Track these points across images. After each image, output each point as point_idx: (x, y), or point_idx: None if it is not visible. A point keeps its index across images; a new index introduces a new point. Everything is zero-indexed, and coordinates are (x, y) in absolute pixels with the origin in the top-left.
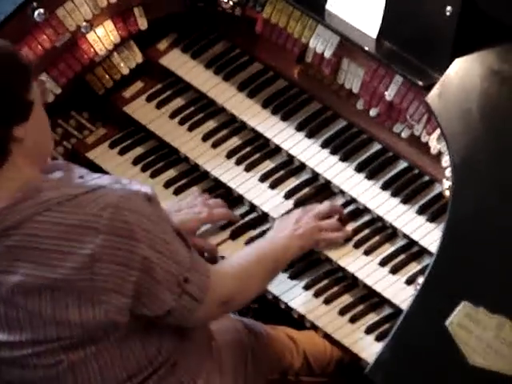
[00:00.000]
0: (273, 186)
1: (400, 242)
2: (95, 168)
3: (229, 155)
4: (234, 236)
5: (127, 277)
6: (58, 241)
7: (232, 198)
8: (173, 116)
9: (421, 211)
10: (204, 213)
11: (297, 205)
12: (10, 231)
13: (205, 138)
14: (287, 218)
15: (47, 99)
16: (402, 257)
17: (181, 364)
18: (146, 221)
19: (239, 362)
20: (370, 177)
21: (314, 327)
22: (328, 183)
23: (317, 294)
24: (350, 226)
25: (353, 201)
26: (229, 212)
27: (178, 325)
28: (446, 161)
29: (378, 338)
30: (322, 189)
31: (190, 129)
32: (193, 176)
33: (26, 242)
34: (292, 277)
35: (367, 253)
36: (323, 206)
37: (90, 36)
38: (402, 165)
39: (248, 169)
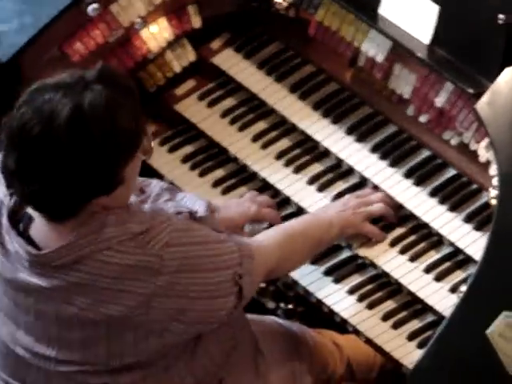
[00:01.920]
0: (320, 189)
1: (445, 250)
2: (145, 165)
3: (278, 157)
4: None
5: (188, 306)
6: (117, 280)
7: (279, 200)
8: (223, 115)
9: (467, 219)
10: (252, 209)
11: None
12: (71, 265)
13: (255, 139)
14: (334, 202)
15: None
16: (446, 264)
17: (227, 381)
18: (199, 247)
19: (286, 376)
20: (417, 183)
21: (357, 332)
22: (375, 188)
23: (360, 299)
24: (397, 232)
25: (400, 207)
26: (276, 213)
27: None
28: (493, 169)
29: (420, 345)
30: None
31: (241, 129)
32: (241, 176)
33: (85, 279)
34: (336, 280)
35: (412, 259)
36: (374, 196)
37: (144, 32)
38: (451, 172)
39: (296, 171)
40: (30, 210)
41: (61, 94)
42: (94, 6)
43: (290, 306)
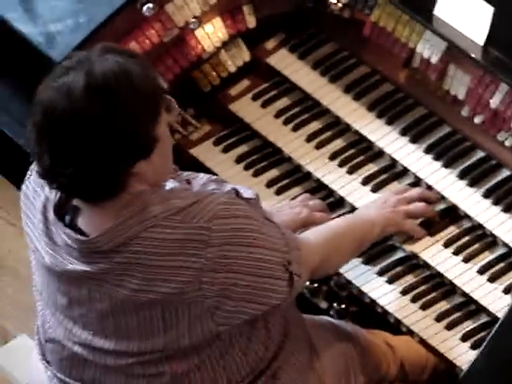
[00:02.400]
0: (374, 190)
1: (499, 251)
2: (198, 164)
3: (332, 157)
4: None
5: (239, 281)
6: (166, 256)
7: (333, 200)
8: (278, 116)
9: None
10: (304, 213)
11: None
12: (119, 248)
13: (309, 139)
14: (375, 199)
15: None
16: (500, 265)
17: (281, 377)
18: (247, 220)
19: (340, 374)
20: (472, 184)
21: (410, 332)
22: (430, 189)
23: (414, 299)
24: (451, 233)
25: (454, 207)
26: (327, 217)
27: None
28: None
29: (474, 346)
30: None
31: (295, 129)
32: (295, 176)
33: (135, 259)
34: (390, 281)
35: (466, 260)
36: (414, 191)
37: (199, 32)
38: (505, 173)
39: (351, 171)
40: (75, 202)
41: (72, 72)
42: (149, 5)
43: (343, 306)
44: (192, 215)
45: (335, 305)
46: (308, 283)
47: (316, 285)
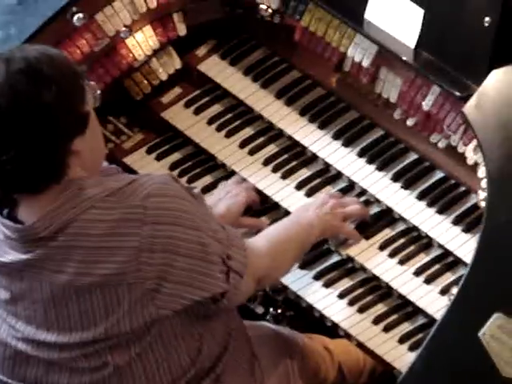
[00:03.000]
0: (309, 194)
1: (435, 252)
2: (132, 173)
3: (265, 162)
4: None
5: (175, 263)
6: (104, 237)
7: (268, 206)
8: (210, 122)
9: (456, 221)
10: (243, 193)
11: None
12: (58, 233)
13: (242, 145)
14: (312, 201)
15: (97, 104)
16: (436, 267)
17: (224, 382)
18: (187, 203)
19: (280, 381)
20: (406, 186)
21: (348, 336)
22: (364, 192)
23: (351, 303)
24: (386, 235)
25: (389, 210)
26: (258, 196)
27: (224, 309)
28: (482, 172)
29: (412, 348)
30: (357, 198)
31: (228, 135)
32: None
33: (73, 241)
34: (327, 285)
35: (402, 262)
36: (349, 198)
37: (129, 41)
38: (439, 175)
39: (284, 176)
40: (14, 196)
41: None
42: (80, 15)
43: (279, 311)
44: (127, 194)
45: (271, 310)
46: None
47: None
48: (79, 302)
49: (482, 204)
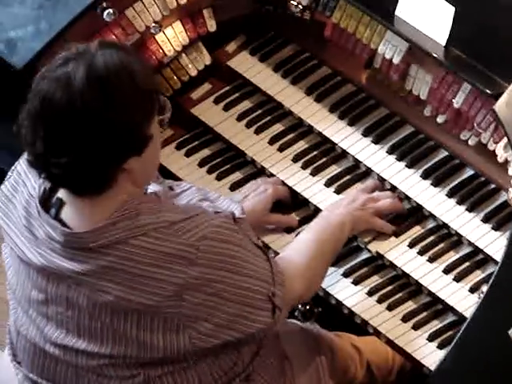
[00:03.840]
0: (338, 191)
1: (465, 250)
2: (161, 169)
3: (295, 159)
4: None
5: (219, 306)
6: (150, 267)
7: (298, 202)
8: (240, 118)
9: (486, 219)
10: (269, 189)
11: None
12: (104, 249)
13: (271, 142)
14: (343, 197)
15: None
16: (466, 264)
17: (255, 380)
18: (237, 248)
19: (312, 381)
20: (436, 184)
21: (377, 333)
22: (394, 189)
23: (380, 300)
24: (416, 233)
25: (419, 207)
26: (288, 190)
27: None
28: None
29: (441, 346)
30: None
31: (257, 132)
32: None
33: (119, 264)
34: (356, 282)
35: (432, 260)
36: (383, 193)
37: (159, 37)
38: (469, 172)
39: (314, 173)
40: (61, 195)
41: (72, 62)
42: (110, 10)
43: (308, 308)
44: (183, 231)
45: (300, 306)
46: None
47: None
48: (113, 322)
49: None
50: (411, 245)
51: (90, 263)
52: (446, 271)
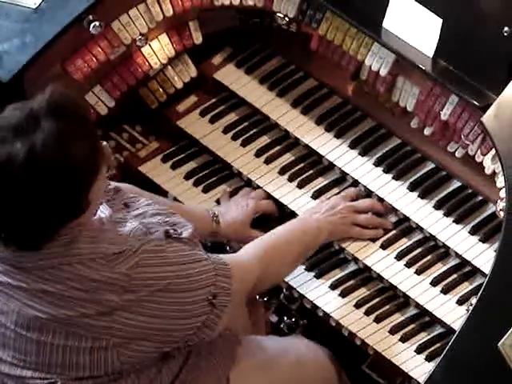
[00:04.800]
0: None
1: (452, 262)
2: (147, 181)
3: (282, 171)
4: None
5: (151, 324)
6: (82, 292)
7: (285, 214)
8: (226, 131)
9: (473, 231)
10: (250, 204)
11: None
12: (38, 271)
13: (258, 154)
14: (324, 202)
15: (113, 165)
16: (453, 276)
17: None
18: (170, 268)
19: None
20: (422, 196)
21: (365, 345)
22: (381, 201)
23: (368, 312)
24: (403, 245)
25: (405, 219)
26: (272, 203)
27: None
28: (500, 181)
29: (429, 358)
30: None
31: (244, 144)
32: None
33: (51, 287)
34: (343, 294)
35: (419, 272)
36: (362, 202)
37: (145, 49)
38: (456, 184)
39: (301, 185)
40: None
41: (12, 135)
42: (96, 23)
43: (293, 320)
44: (116, 262)
45: (285, 318)
46: (257, 297)
47: (266, 299)
48: (40, 334)
49: (501, 214)
50: (398, 257)
51: (22, 281)
52: (434, 283)
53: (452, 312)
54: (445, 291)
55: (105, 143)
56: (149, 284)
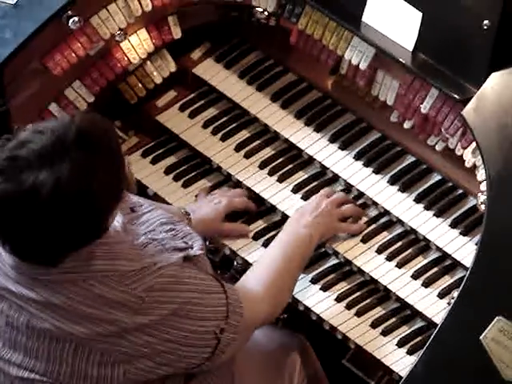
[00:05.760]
0: (305, 197)
1: (433, 255)
2: None
3: (262, 166)
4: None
5: (160, 347)
6: (94, 310)
7: (265, 209)
8: (206, 125)
9: (454, 224)
10: (223, 202)
11: None
12: (52, 284)
13: (238, 148)
14: (306, 204)
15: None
16: (434, 270)
17: None
18: (185, 294)
19: None
20: (403, 189)
21: (346, 339)
22: (361, 195)
23: (349, 306)
24: (384, 238)
25: (386, 213)
26: (248, 201)
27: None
28: (481, 175)
29: (410, 352)
30: (355, 200)
31: (223, 139)
32: (225, 186)
33: (63, 302)
34: (324, 288)
35: (400, 265)
36: (342, 194)
37: (124, 44)
38: (436, 178)
39: (281, 179)
40: None
41: (38, 162)
42: (75, 18)
43: None
44: (131, 281)
45: None
46: None
47: None
48: (50, 346)
49: (482, 207)
50: (379, 251)
51: (35, 292)
52: (415, 277)
53: (433, 305)
54: (426, 285)
55: (127, 162)
56: (162, 307)
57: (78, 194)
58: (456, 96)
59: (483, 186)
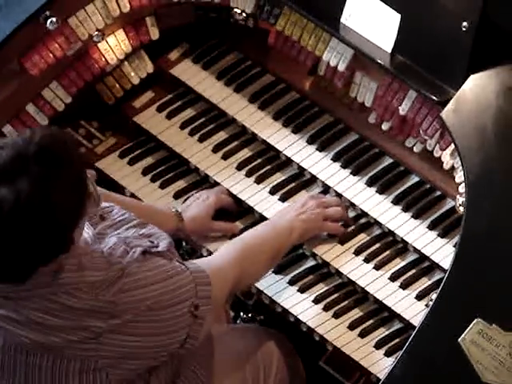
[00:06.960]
0: (283, 199)
1: (411, 257)
2: (105, 177)
3: (239, 167)
4: None
5: (138, 343)
6: (68, 321)
7: (242, 210)
8: (183, 126)
9: (432, 226)
10: (211, 198)
11: None
12: (22, 301)
13: (215, 150)
14: (293, 203)
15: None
16: (412, 272)
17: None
18: (153, 287)
19: None
20: (381, 191)
21: (324, 341)
22: (339, 197)
23: (327, 308)
24: (361, 240)
25: (364, 214)
26: (232, 200)
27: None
28: (459, 176)
29: (388, 353)
30: None
31: (201, 140)
32: (202, 187)
33: (36, 316)
34: (302, 290)
35: (378, 267)
36: (330, 197)
37: (102, 45)
38: (414, 179)
39: (258, 181)
40: None
41: (4, 185)
42: (53, 19)
43: (250, 315)
44: (101, 289)
45: (242, 314)
46: None
47: None
48: (28, 361)
49: (461, 209)
50: (357, 252)
51: (6, 310)
52: (392, 278)
53: (411, 307)
54: (404, 286)
55: (90, 176)
56: (133, 307)
57: (39, 209)
58: (434, 98)
59: (461, 188)
